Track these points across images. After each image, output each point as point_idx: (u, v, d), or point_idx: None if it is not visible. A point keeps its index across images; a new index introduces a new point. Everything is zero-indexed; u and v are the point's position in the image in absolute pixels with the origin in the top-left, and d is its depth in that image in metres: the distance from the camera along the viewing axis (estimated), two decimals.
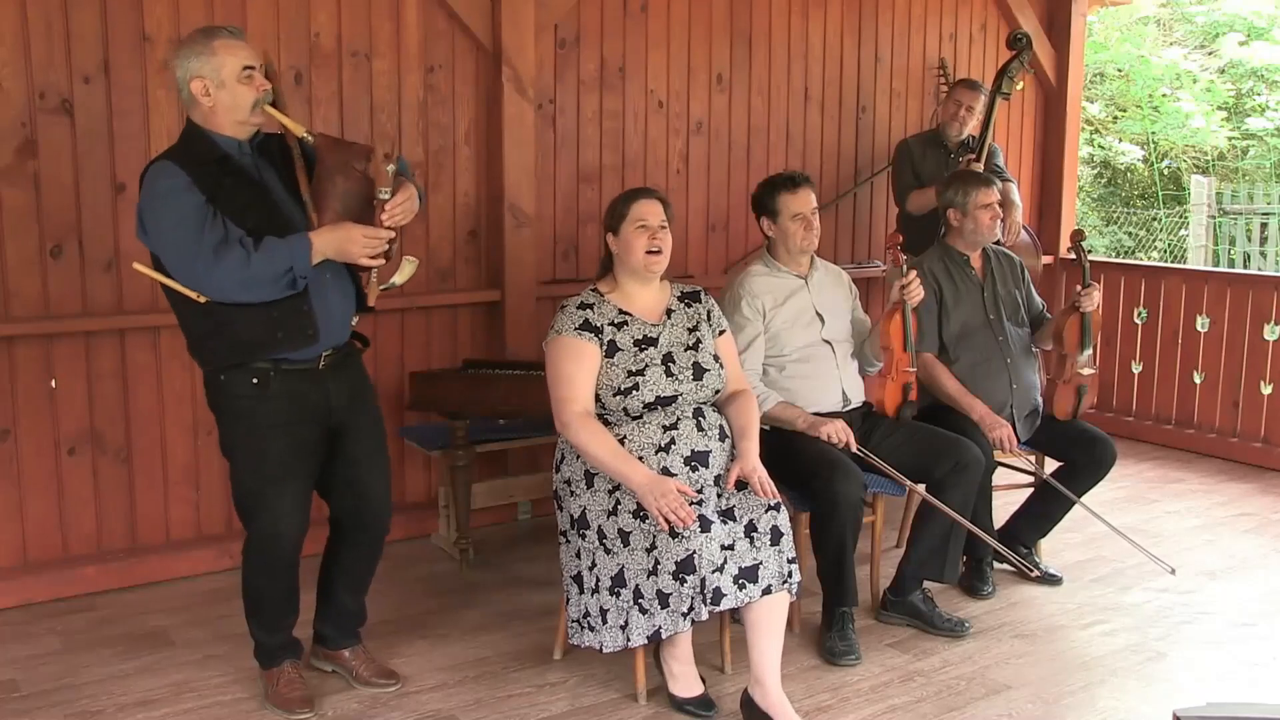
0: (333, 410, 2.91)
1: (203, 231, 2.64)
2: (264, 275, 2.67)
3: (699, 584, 2.76)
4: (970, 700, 3.11)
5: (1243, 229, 11.49)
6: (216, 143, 2.75)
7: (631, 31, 4.79)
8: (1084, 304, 3.88)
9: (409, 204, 2.81)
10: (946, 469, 3.45)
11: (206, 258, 2.64)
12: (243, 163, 2.78)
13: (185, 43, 2.76)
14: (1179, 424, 5.80)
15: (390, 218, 2.76)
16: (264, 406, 2.80)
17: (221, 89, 2.70)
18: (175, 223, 2.65)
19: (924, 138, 5.09)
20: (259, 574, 2.97)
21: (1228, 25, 12.92)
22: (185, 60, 2.70)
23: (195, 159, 2.71)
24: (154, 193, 2.68)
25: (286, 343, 2.76)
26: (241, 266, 2.64)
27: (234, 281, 2.66)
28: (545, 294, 4.56)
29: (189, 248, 2.65)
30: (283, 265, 2.67)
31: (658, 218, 3.02)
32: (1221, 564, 4.15)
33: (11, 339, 3.63)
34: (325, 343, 2.84)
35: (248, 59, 2.72)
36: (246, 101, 2.72)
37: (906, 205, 4.93)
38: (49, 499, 3.77)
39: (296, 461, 2.86)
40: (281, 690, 3.02)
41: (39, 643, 3.43)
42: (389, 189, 2.74)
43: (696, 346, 3.07)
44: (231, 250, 2.65)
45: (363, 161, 2.74)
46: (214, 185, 2.69)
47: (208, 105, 2.72)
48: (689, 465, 2.94)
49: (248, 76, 2.71)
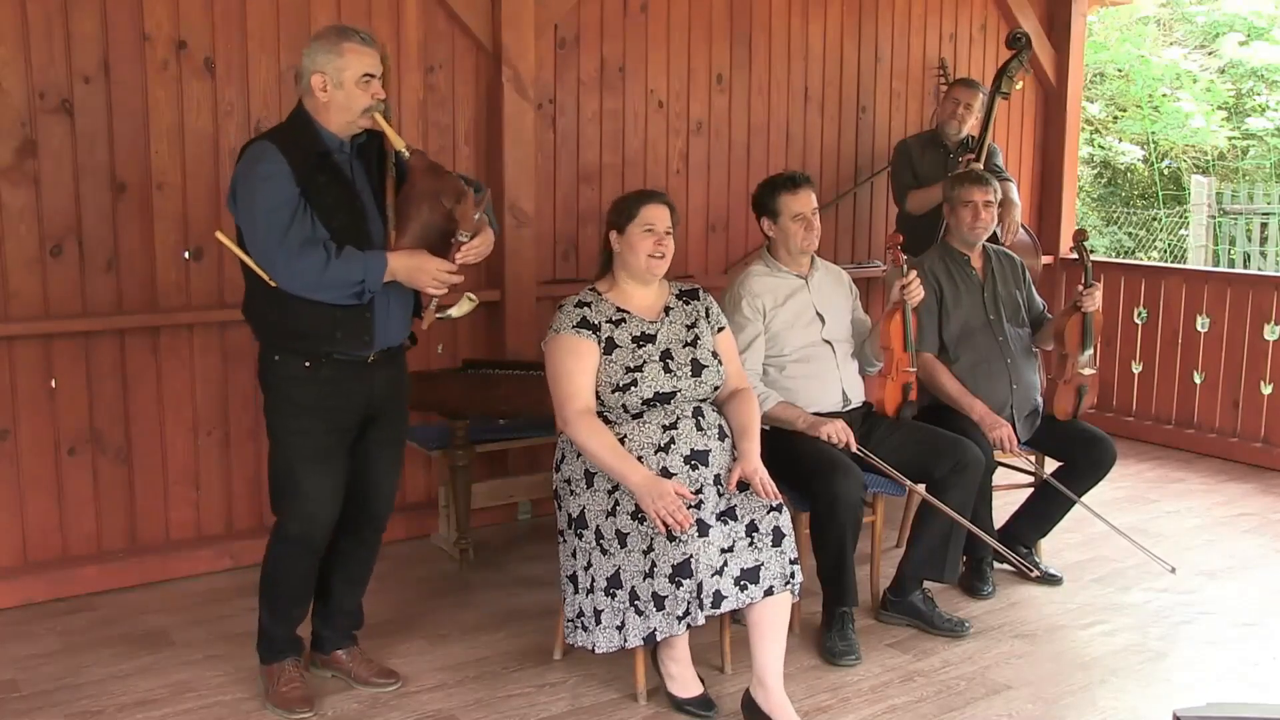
0: (373, 401, 2.97)
1: (292, 224, 2.72)
2: (337, 281, 2.75)
3: (695, 588, 2.75)
4: (970, 700, 3.11)
5: (1243, 229, 11.48)
6: (321, 136, 2.82)
7: (631, 31, 4.79)
8: (1086, 304, 3.88)
9: (484, 248, 2.91)
10: (946, 469, 3.45)
11: (290, 250, 2.73)
12: (340, 161, 2.85)
13: (319, 36, 2.85)
14: (1179, 424, 5.80)
15: (464, 258, 2.84)
16: (312, 390, 2.87)
17: (339, 89, 2.78)
18: (270, 208, 2.73)
19: (923, 138, 5.08)
20: (285, 557, 2.99)
21: (1228, 25, 12.91)
22: (314, 54, 2.79)
23: (298, 148, 2.78)
24: (255, 173, 2.75)
25: (343, 343, 2.85)
26: (319, 268, 2.73)
27: (308, 280, 2.75)
28: (545, 294, 4.56)
29: (276, 236, 2.73)
30: (357, 277, 2.76)
31: (665, 223, 3.03)
32: (1221, 564, 4.15)
33: (11, 339, 3.63)
34: (379, 346, 2.92)
35: (370, 67, 2.80)
36: (359, 105, 2.80)
37: (906, 205, 4.92)
38: (49, 499, 3.77)
39: (337, 446, 2.93)
40: (281, 689, 3.02)
41: (39, 643, 3.43)
42: (470, 233, 2.82)
43: (695, 343, 3.07)
44: (315, 250, 2.73)
45: (452, 200, 2.80)
46: (309, 180, 2.76)
47: (323, 100, 2.80)
48: (688, 464, 2.94)
49: (366, 83, 2.79)
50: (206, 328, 3.95)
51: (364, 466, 3.04)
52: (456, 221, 2.81)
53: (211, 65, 3.87)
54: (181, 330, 3.92)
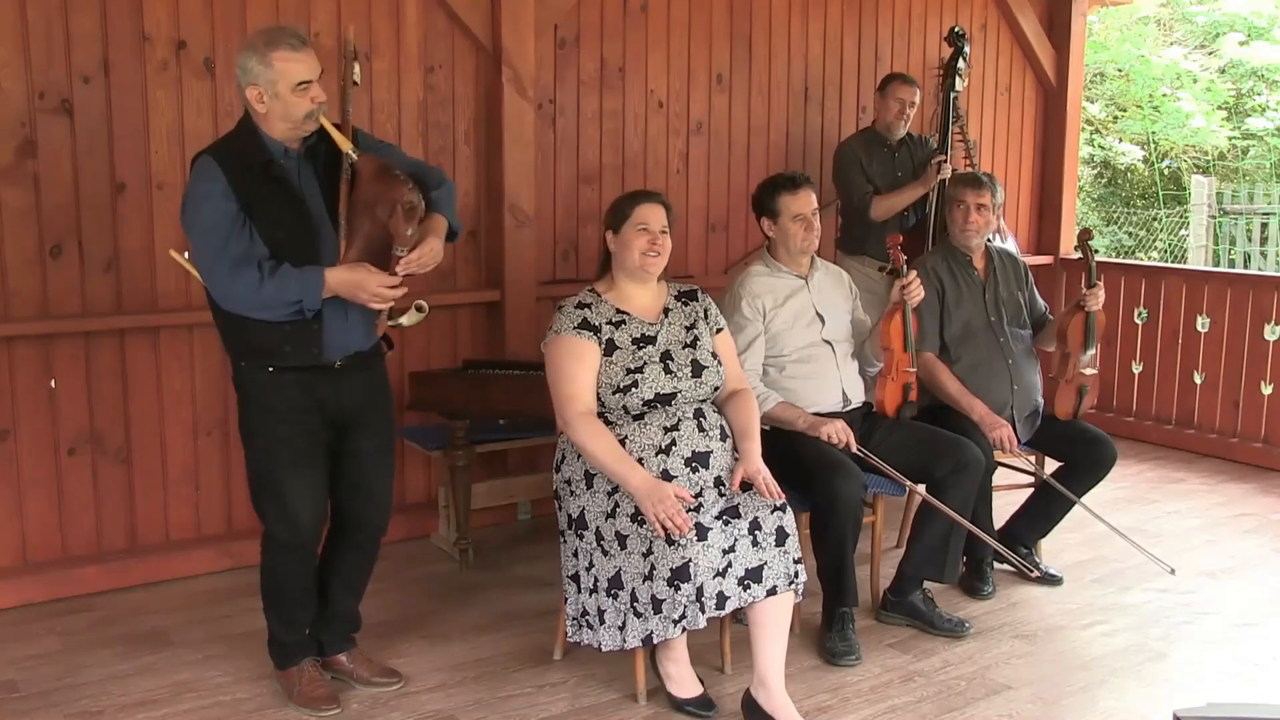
0: (344, 408, 2.95)
1: (227, 243, 2.70)
2: (272, 302, 2.74)
3: (694, 592, 2.75)
4: (970, 700, 3.11)
5: (1243, 229, 11.49)
6: (265, 145, 2.79)
7: (631, 31, 4.79)
8: (1089, 303, 3.88)
9: (427, 258, 2.84)
10: (946, 469, 3.45)
11: (224, 270, 2.72)
12: (287, 168, 2.81)
13: (247, 44, 2.77)
14: (1179, 424, 5.80)
15: (405, 270, 2.81)
16: (279, 394, 2.86)
17: (276, 99, 2.73)
18: (205, 228, 2.71)
19: (865, 137, 4.92)
20: (279, 564, 2.99)
21: (1228, 25, 12.91)
22: (244, 63, 2.73)
23: (240, 160, 2.74)
24: (193, 191, 2.74)
25: (293, 355, 2.83)
26: (254, 289, 2.71)
27: (244, 300, 2.75)
28: (545, 294, 4.56)
29: (212, 254, 2.72)
30: (292, 296, 2.73)
31: (659, 222, 3.03)
32: (1221, 564, 4.15)
33: (11, 339, 3.63)
34: (333, 355, 2.88)
35: (304, 73, 2.72)
36: (299, 113, 2.75)
37: (871, 212, 4.71)
38: (49, 499, 3.76)
39: (310, 450, 2.91)
40: (305, 689, 3.03)
41: (39, 643, 3.43)
42: (406, 247, 2.78)
43: (694, 344, 3.07)
44: (249, 270, 2.71)
45: (385, 214, 2.75)
46: (252, 192, 2.73)
47: (261, 111, 2.76)
48: (689, 466, 2.94)
49: (303, 89, 2.73)
50: (206, 328, 3.92)
51: (352, 473, 3.02)
52: (392, 236, 2.77)
53: (211, 65, 3.87)
54: (181, 330, 3.92)
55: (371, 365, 3.02)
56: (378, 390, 3.06)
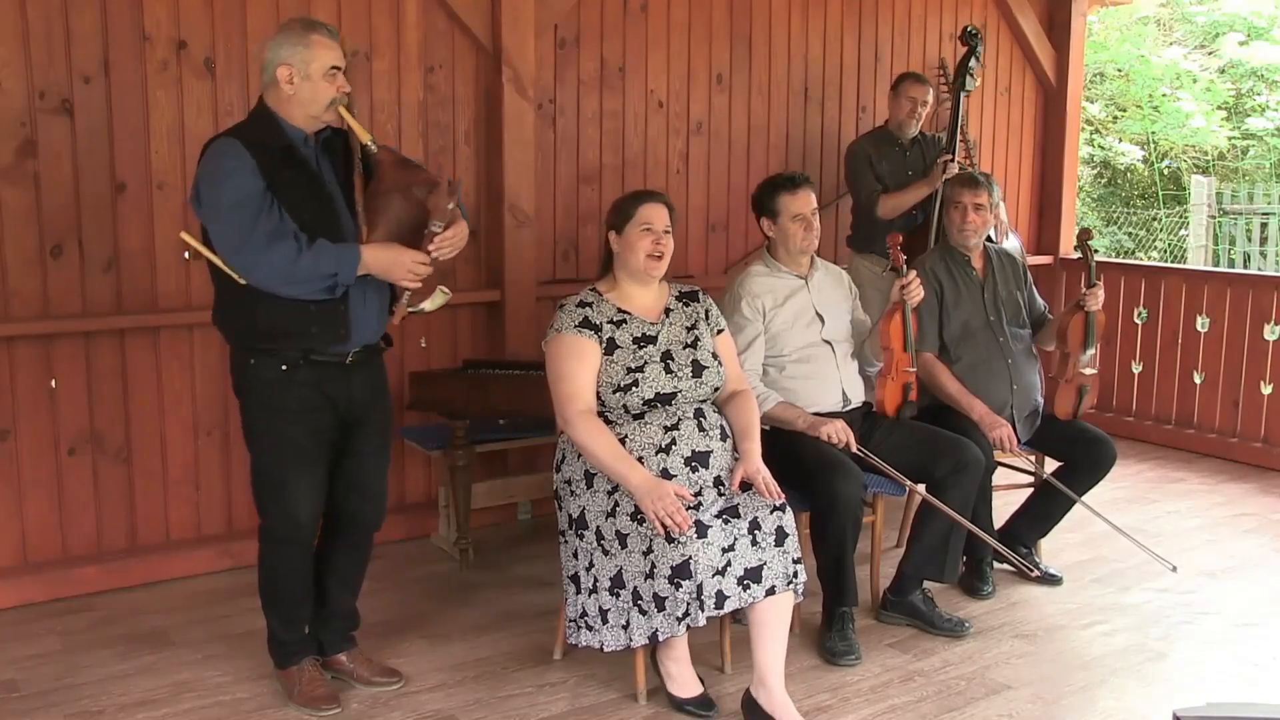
0: (353, 404, 2.95)
1: (259, 218, 2.69)
2: (308, 274, 2.72)
3: (695, 590, 2.75)
4: (970, 700, 3.11)
5: (1243, 229, 11.49)
6: (284, 130, 2.79)
7: (631, 31, 4.79)
8: (1089, 303, 3.88)
9: (458, 240, 2.87)
10: (946, 469, 3.45)
11: (258, 243, 2.69)
12: (305, 155, 2.82)
13: (284, 29, 2.82)
14: (1179, 424, 5.80)
15: (438, 250, 2.81)
16: (290, 393, 2.84)
17: (306, 81, 2.75)
18: (234, 204, 2.69)
19: (875, 137, 4.94)
20: (278, 562, 2.99)
21: (1228, 25, 12.91)
22: (279, 45, 2.76)
23: (261, 143, 2.75)
24: (218, 170, 2.72)
25: (319, 338, 2.82)
26: (290, 261, 2.69)
27: (278, 273, 2.71)
28: (545, 294, 4.56)
29: (242, 231, 2.69)
30: (329, 269, 2.73)
31: (663, 223, 3.03)
32: (1221, 564, 4.15)
33: (11, 339, 3.63)
34: (356, 342, 2.89)
35: (337, 60, 2.78)
36: (324, 98, 2.77)
37: (878, 210, 4.74)
38: (49, 499, 3.77)
39: (316, 449, 2.91)
40: (306, 688, 3.03)
41: (39, 643, 3.43)
42: (443, 223, 2.80)
43: (695, 344, 3.07)
44: (285, 242, 2.69)
45: (424, 191, 2.78)
46: (274, 174, 2.73)
47: (288, 93, 2.77)
48: (689, 466, 2.94)
49: (332, 75, 2.77)
50: (206, 328, 3.91)
51: (352, 472, 3.02)
52: (429, 212, 2.78)
53: (211, 65, 3.87)
54: (181, 330, 3.92)
55: (375, 361, 3.03)
56: (381, 387, 3.07)
